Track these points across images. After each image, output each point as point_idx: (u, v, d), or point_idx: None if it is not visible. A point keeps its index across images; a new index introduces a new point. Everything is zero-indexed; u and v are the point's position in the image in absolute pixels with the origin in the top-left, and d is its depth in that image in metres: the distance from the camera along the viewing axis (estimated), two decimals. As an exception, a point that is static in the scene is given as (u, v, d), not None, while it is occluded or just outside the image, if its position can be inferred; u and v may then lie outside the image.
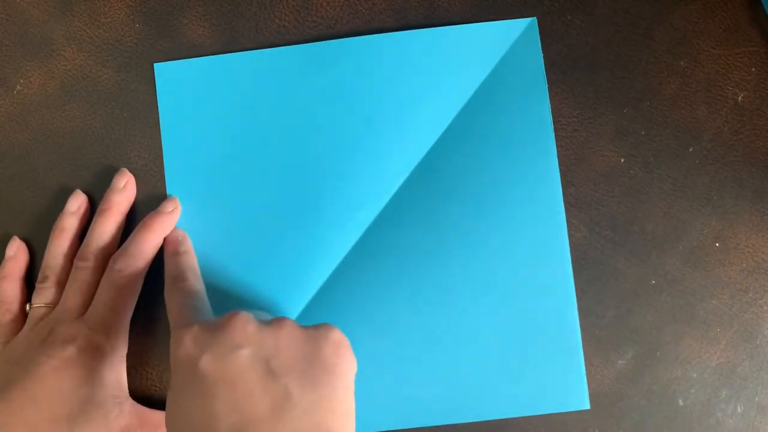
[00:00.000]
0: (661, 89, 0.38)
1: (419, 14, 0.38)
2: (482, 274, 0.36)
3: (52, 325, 0.33)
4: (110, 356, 0.34)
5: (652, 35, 0.38)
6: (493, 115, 0.37)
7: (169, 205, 0.36)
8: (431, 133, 0.37)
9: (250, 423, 0.26)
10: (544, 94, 0.37)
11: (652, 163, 0.38)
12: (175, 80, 0.37)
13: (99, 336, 0.33)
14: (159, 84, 0.37)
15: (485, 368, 0.36)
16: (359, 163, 0.36)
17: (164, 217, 0.36)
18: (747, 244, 0.37)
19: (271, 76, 0.37)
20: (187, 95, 0.37)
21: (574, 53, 0.38)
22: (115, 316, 0.34)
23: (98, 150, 0.38)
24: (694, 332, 0.37)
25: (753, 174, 0.38)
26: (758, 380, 0.37)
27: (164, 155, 0.37)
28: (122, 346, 0.35)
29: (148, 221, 0.36)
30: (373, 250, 0.36)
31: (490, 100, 0.37)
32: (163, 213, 0.36)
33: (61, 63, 0.38)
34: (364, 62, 0.36)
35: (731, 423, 0.37)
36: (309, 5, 0.38)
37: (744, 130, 0.38)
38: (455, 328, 0.36)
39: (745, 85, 0.37)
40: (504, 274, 0.36)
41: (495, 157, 0.37)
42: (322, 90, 0.37)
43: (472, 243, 0.36)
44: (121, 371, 0.34)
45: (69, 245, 0.36)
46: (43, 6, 0.38)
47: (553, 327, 0.36)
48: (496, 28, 0.37)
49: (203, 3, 0.38)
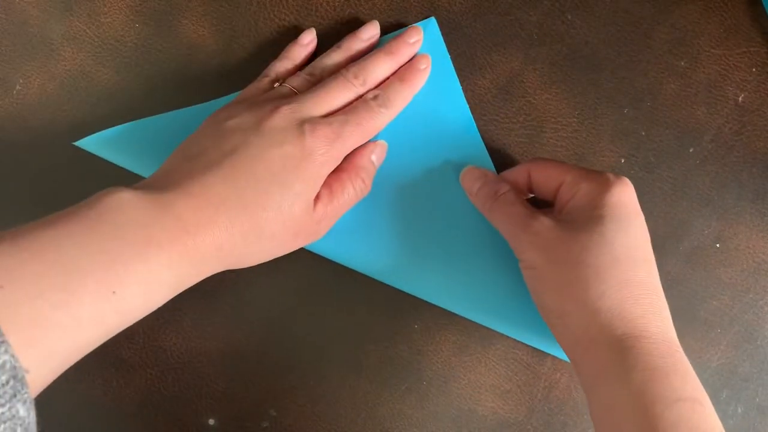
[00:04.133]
0: (661, 89, 0.37)
1: (419, 14, 0.38)
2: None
3: (300, 110, 0.33)
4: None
5: (652, 35, 0.37)
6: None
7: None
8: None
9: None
10: (455, 81, 0.38)
11: (652, 164, 0.37)
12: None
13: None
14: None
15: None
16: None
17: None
18: (747, 245, 0.37)
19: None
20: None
21: (574, 53, 0.38)
22: (344, 142, 0.33)
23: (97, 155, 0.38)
24: (695, 333, 0.37)
25: (753, 174, 0.37)
26: (759, 381, 0.37)
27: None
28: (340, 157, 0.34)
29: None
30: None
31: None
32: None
33: (61, 63, 0.38)
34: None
35: (732, 424, 0.37)
36: (309, 5, 0.38)
37: (744, 130, 0.37)
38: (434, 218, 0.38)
39: (746, 86, 0.37)
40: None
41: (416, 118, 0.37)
42: None
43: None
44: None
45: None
46: (42, 6, 0.38)
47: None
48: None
49: (203, 3, 0.38)
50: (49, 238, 0.26)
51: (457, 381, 0.38)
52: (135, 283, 0.27)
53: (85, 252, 0.26)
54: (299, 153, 0.31)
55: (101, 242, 0.27)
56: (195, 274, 0.30)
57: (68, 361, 0.26)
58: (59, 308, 0.25)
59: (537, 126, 0.38)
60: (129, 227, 0.27)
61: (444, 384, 0.38)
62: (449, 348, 0.38)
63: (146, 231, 0.28)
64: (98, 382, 0.38)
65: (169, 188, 0.29)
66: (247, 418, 0.37)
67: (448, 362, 0.38)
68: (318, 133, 0.32)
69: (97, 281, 0.26)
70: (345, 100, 0.34)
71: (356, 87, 0.34)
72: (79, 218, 0.27)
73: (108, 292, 0.26)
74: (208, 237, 0.29)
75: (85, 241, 0.26)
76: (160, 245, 0.28)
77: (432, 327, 0.38)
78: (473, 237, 0.37)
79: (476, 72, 0.38)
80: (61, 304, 0.25)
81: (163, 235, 0.28)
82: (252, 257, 0.32)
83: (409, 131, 0.37)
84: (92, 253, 0.26)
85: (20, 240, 0.25)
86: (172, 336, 0.38)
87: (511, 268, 0.37)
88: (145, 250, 0.27)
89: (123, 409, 0.38)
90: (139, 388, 0.38)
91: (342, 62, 0.36)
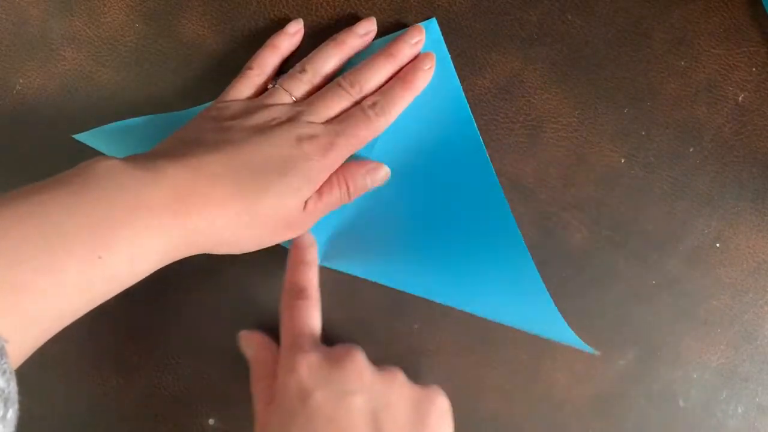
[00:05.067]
0: (661, 89, 0.37)
1: (419, 14, 0.38)
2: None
3: (299, 118, 0.33)
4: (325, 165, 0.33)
5: (652, 35, 0.37)
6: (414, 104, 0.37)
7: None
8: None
9: None
10: (455, 81, 0.37)
11: (652, 164, 0.37)
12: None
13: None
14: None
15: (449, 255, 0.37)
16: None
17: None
18: (747, 245, 0.37)
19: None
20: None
21: (574, 53, 0.38)
22: (339, 151, 0.33)
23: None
24: (695, 333, 0.37)
25: (754, 174, 0.37)
26: (759, 381, 0.37)
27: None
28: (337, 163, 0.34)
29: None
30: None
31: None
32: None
33: (61, 63, 0.38)
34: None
35: (732, 424, 0.37)
36: (309, 5, 0.38)
37: (745, 130, 0.37)
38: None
39: (746, 85, 0.37)
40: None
41: (420, 137, 0.37)
42: None
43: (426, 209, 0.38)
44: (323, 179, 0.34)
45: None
46: (42, 6, 0.38)
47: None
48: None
49: (203, 2, 0.38)
50: (34, 204, 0.25)
51: (457, 381, 0.38)
52: (122, 249, 0.26)
53: (71, 216, 0.25)
54: (298, 158, 0.31)
55: (87, 206, 0.26)
56: (184, 247, 0.29)
57: (51, 329, 0.26)
58: (42, 274, 0.24)
59: (537, 126, 0.38)
60: (117, 192, 0.27)
61: (444, 384, 0.38)
62: (449, 348, 0.38)
63: (136, 196, 0.27)
64: (98, 382, 0.38)
65: (163, 159, 0.29)
66: (247, 418, 0.37)
67: (448, 362, 0.38)
68: (315, 144, 0.32)
69: (82, 245, 0.25)
70: (342, 108, 0.34)
71: (353, 96, 0.34)
72: (64, 184, 0.26)
73: (93, 257, 0.25)
74: (202, 209, 0.29)
75: (70, 205, 0.26)
76: (150, 209, 0.27)
77: (432, 327, 0.38)
78: (472, 237, 0.37)
79: (476, 72, 0.38)
80: (43, 269, 0.24)
81: (153, 201, 0.27)
82: (241, 242, 0.32)
83: (408, 131, 0.37)
84: (78, 216, 0.26)
85: (3, 207, 0.25)
86: (172, 336, 0.38)
87: (511, 263, 0.37)
88: (133, 214, 0.27)
89: (123, 409, 0.38)
90: (139, 388, 0.38)
91: (337, 60, 0.36)
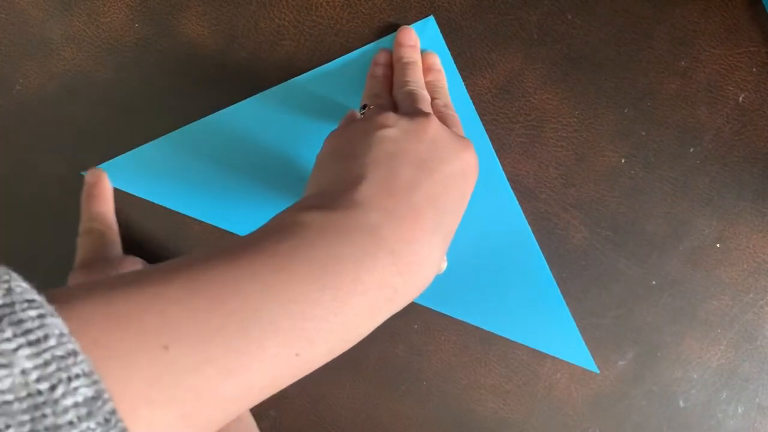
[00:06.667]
0: (661, 89, 0.37)
1: (419, 14, 0.38)
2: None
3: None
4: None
5: (652, 35, 0.37)
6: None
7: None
8: None
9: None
10: (458, 80, 0.38)
11: (652, 164, 0.37)
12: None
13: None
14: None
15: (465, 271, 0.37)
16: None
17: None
18: (748, 245, 0.37)
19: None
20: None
21: (575, 53, 0.38)
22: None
23: (98, 150, 0.38)
24: (695, 333, 0.37)
25: (754, 174, 0.37)
26: (759, 381, 0.37)
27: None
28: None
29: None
30: None
31: None
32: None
33: (61, 63, 0.38)
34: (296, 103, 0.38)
35: (732, 424, 0.37)
36: (309, 5, 0.38)
37: (745, 130, 0.37)
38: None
39: (746, 85, 0.37)
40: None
41: None
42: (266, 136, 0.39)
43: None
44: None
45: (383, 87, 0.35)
46: (42, 6, 0.38)
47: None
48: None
49: (203, 3, 0.38)
50: (231, 280, 0.20)
51: (457, 381, 0.38)
52: (323, 342, 0.21)
53: (272, 301, 0.20)
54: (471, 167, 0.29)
55: (291, 287, 0.21)
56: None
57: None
58: (227, 378, 0.19)
59: (537, 126, 0.38)
60: (329, 265, 0.22)
61: (444, 384, 0.38)
62: (449, 348, 0.38)
63: (353, 270, 0.22)
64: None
65: (367, 206, 0.24)
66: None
67: (448, 362, 0.38)
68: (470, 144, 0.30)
69: (279, 343, 0.20)
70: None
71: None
72: (265, 254, 0.21)
73: (290, 355, 0.20)
74: (417, 279, 0.24)
75: (272, 285, 0.21)
76: (365, 290, 0.22)
77: (432, 327, 0.38)
78: (473, 240, 0.37)
79: (476, 72, 0.38)
80: (230, 371, 0.19)
81: (370, 277, 0.22)
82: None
83: None
84: (281, 302, 0.20)
85: (193, 281, 0.20)
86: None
87: (510, 271, 0.37)
88: (348, 299, 0.22)
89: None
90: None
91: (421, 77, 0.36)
